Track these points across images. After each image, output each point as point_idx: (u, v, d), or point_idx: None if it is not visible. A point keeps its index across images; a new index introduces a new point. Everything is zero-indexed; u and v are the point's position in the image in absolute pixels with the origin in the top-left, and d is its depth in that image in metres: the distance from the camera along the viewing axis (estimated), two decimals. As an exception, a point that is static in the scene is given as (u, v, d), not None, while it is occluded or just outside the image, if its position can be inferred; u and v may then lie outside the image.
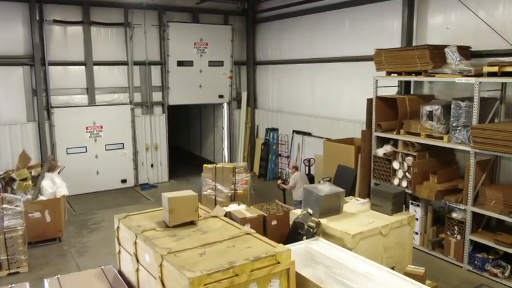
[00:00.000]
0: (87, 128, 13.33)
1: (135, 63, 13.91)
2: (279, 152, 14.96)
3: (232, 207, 7.66)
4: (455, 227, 8.34)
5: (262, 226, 7.35)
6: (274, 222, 7.39)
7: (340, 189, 6.79)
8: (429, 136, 8.65)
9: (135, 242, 5.54)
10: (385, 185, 7.44)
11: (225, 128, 16.24)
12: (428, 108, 8.61)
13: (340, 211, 6.81)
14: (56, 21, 12.64)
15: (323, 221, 6.43)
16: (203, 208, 6.56)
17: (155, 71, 14.35)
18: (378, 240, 6.28)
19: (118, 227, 6.20)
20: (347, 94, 12.14)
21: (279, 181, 11.38)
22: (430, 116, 8.56)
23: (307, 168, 12.87)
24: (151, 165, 14.61)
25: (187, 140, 19.52)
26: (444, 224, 8.68)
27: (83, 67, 13.22)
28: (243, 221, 7.11)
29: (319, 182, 11.99)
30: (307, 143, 13.76)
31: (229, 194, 10.28)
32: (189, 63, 14.53)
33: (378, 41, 10.69)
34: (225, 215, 7.43)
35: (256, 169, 15.63)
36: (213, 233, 5.61)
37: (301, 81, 13.87)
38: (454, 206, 8.32)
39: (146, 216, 6.33)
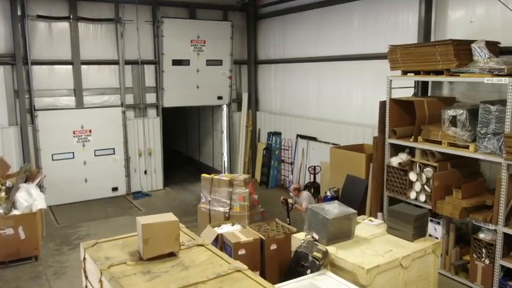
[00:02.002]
0: (74, 132, 12.34)
1: (127, 63, 12.92)
2: (282, 158, 13.93)
3: (225, 228, 6.63)
4: (483, 250, 7.25)
5: (259, 251, 6.32)
6: (273, 247, 6.36)
7: (351, 210, 5.73)
8: (452, 145, 7.56)
9: (100, 280, 4.50)
10: (404, 205, 6.37)
11: (225, 132, 15.24)
12: (451, 112, 7.52)
13: (351, 236, 5.77)
14: (39, 17, 11.64)
15: (331, 249, 5.40)
16: (187, 233, 5.52)
17: (148, 70, 13.34)
18: (397, 274, 5.23)
19: (84, 258, 5.17)
20: (357, 96, 11.12)
21: (290, 200, 9.51)
22: (454, 121, 7.47)
23: (312, 176, 11.81)
24: (145, 172, 13.61)
25: (186, 143, 18.53)
26: (468, 244, 7.61)
27: (69, 66, 12.22)
28: (237, 246, 6.07)
29: (326, 192, 10.99)
30: (312, 149, 12.73)
31: (224, 211, 9.15)
32: (186, 63, 13.53)
33: (391, 37, 9.64)
34: (216, 238, 6.41)
35: (257, 176, 14.61)
36: (196, 269, 4.59)
37: (307, 81, 12.86)
38: (481, 225, 7.23)
39: (119, 244, 5.31)
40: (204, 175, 9.88)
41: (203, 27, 13.62)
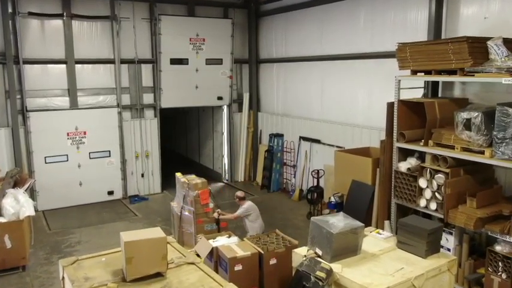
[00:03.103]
0: (68, 134, 11.91)
1: (123, 62, 12.49)
2: (284, 161, 13.43)
3: (221, 241, 6.13)
4: (500, 263, 6.70)
5: (257, 266, 5.81)
6: (273, 261, 5.85)
7: (358, 224, 5.21)
8: (466, 150, 7.01)
9: (77, 305, 3.99)
10: (416, 218, 5.85)
11: (225, 133, 14.76)
12: (465, 115, 6.97)
13: (358, 251, 5.25)
14: (31, 14, 11.21)
15: (336, 267, 4.89)
16: (177, 249, 5.02)
17: (146, 70, 12.90)
18: (409, 296, 4.70)
19: (63, 277, 4.68)
20: (362, 96, 10.63)
21: (215, 214, 8.57)
22: (468, 124, 6.92)
23: (315, 180, 11.30)
24: (142, 175, 13.16)
25: (185, 145, 18.05)
26: (482, 255, 7.08)
27: (63, 66, 11.81)
28: (233, 261, 5.57)
29: (329, 198, 10.47)
30: (315, 152, 12.24)
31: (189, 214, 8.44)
32: (184, 62, 13.10)
33: (399, 35, 9.18)
34: (211, 252, 5.92)
35: (259, 179, 14.13)
36: (185, 292, 4.06)
37: (310, 81, 12.36)
38: (498, 237, 6.69)
39: (102, 262, 4.81)
40: (178, 174, 9.18)
41: (202, 24, 13.15)
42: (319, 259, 5.05)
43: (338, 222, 5.17)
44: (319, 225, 5.15)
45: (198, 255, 5.66)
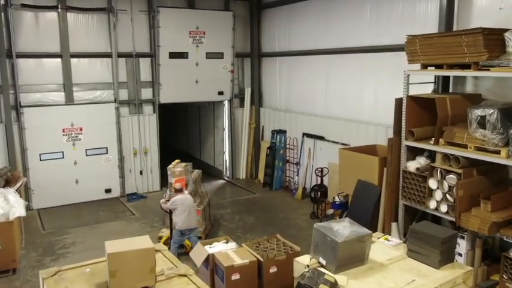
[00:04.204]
0: (63, 131, 11.53)
1: (120, 55, 12.08)
2: (287, 158, 13.01)
3: (218, 247, 5.73)
4: (516, 271, 6.30)
5: (256, 275, 5.43)
6: (273, 270, 5.47)
7: (365, 231, 4.81)
8: (480, 149, 6.59)
9: (55, 324, 3.60)
10: (428, 224, 5.43)
11: (226, 129, 14.34)
12: (479, 112, 6.53)
13: (365, 261, 4.85)
14: (24, 6, 10.80)
15: (341, 278, 4.50)
16: (169, 258, 4.63)
17: (144, 64, 12.49)
18: (421, 312, 4.30)
19: (43, 290, 4.29)
20: (369, 92, 10.21)
21: (162, 200, 8.79)
22: (482, 122, 6.49)
23: (319, 178, 10.89)
24: (140, 173, 12.78)
25: (186, 140, 17.65)
26: (496, 261, 6.69)
27: (58, 59, 11.42)
28: (230, 270, 5.19)
29: (334, 198, 10.07)
30: (319, 149, 11.83)
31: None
32: (184, 55, 12.65)
33: (408, 27, 8.77)
34: (207, 259, 5.53)
35: (260, 176, 13.72)
36: (173, 311, 3.66)
37: (314, 76, 11.93)
38: (514, 242, 6.29)
39: (86, 273, 4.43)
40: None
41: (203, 17, 12.71)
42: (322, 269, 4.65)
43: (343, 229, 4.76)
44: (323, 233, 4.75)
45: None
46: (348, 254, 4.69)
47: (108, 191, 12.29)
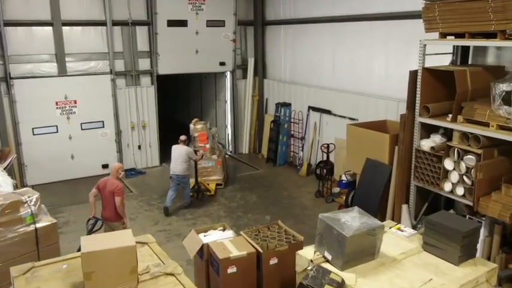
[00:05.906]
0: (57, 104, 11.03)
1: (115, 24, 11.44)
2: (292, 133, 12.46)
3: (213, 236, 5.23)
4: (538, 261, 5.80)
5: (255, 267, 4.94)
6: (273, 261, 4.97)
7: (377, 223, 4.26)
8: (503, 128, 5.98)
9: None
10: (447, 215, 4.89)
11: (228, 102, 13.78)
12: (504, 86, 5.89)
13: (376, 255, 4.33)
14: (11, -31, 10.12)
15: (348, 276, 4.00)
16: (156, 253, 4.15)
17: (141, 32, 11.85)
18: (440, 317, 3.81)
19: (12, 290, 3.83)
20: (379, 63, 9.61)
21: (201, 151, 10.33)
22: (507, 98, 5.86)
23: (325, 155, 10.34)
24: (139, 147, 12.33)
25: (188, 113, 17.06)
26: (515, 249, 6.19)
27: (49, 28, 10.79)
28: (226, 263, 4.70)
29: (340, 176, 9.55)
30: (325, 123, 11.28)
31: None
32: (183, 23, 12.03)
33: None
34: (201, 249, 5.05)
35: (264, 151, 13.23)
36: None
37: (321, 45, 11.32)
38: (537, 230, 5.76)
39: (62, 270, 3.95)
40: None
41: (203, -19, 12.00)
42: (328, 266, 4.15)
43: (352, 221, 4.21)
44: (329, 225, 4.21)
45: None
46: (356, 249, 4.17)
47: (105, 166, 11.79)
